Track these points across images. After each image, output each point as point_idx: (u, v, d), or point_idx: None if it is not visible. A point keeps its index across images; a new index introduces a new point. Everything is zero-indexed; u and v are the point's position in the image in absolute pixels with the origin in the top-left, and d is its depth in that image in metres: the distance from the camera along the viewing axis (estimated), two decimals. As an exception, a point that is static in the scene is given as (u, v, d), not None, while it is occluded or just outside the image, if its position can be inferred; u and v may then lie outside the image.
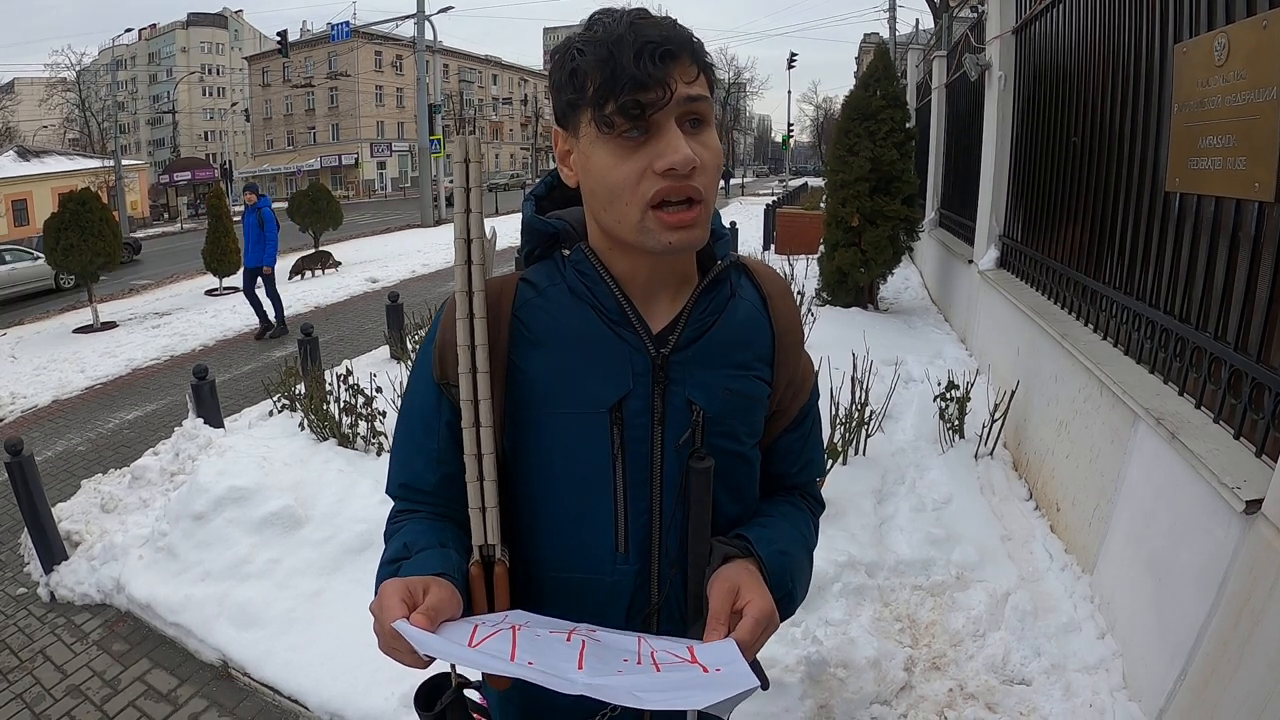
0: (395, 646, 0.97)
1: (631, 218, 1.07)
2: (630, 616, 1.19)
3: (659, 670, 0.93)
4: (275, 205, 11.57)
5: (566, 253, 1.20)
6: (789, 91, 59.98)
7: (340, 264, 16.87)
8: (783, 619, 1.15)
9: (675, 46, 1.03)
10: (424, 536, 1.15)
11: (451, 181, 1.17)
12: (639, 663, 0.95)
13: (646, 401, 1.16)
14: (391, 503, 1.30)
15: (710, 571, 1.14)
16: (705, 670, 0.94)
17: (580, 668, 0.90)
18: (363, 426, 5.44)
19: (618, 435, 1.15)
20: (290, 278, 16.01)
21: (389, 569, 1.11)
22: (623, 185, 1.05)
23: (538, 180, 1.33)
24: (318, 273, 16.63)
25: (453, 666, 1.08)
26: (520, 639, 0.95)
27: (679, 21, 1.08)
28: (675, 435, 1.17)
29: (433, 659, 0.96)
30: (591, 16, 1.08)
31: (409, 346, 8.13)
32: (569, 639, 0.99)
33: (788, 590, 1.20)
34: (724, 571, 1.12)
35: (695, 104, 1.06)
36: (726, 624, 1.05)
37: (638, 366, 1.16)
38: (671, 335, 1.18)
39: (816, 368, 1.38)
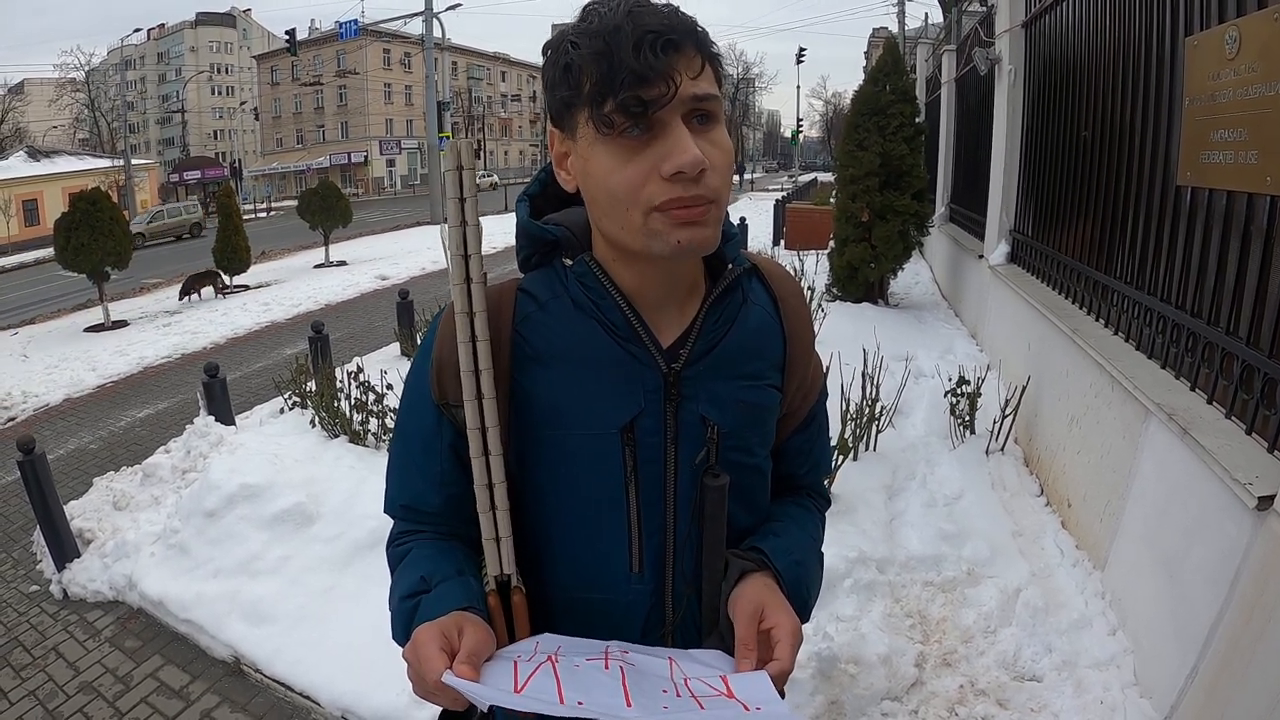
0: (433, 694, 0.93)
1: (635, 222, 0.99)
2: (645, 634, 1.15)
3: (703, 709, 0.92)
4: (286, 203, 11.46)
5: (569, 263, 1.13)
6: (798, 86, 60.08)
7: (227, 287, 15.83)
8: None
9: (678, 36, 0.94)
10: (439, 565, 1.11)
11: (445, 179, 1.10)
12: (678, 695, 0.94)
13: (659, 420, 1.11)
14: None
15: (727, 587, 1.11)
16: (746, 709, 0.93)
17: (629, 705, 0.89)
18: (373, 423, 5.46)
19: (630, 456, 1.10)
20: (180, 298, 15.26)
21: (408, 604, 1.07)
22: (625, 190, 0.98)
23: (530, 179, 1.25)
24: (205, 294, 15.42)
25: None
26: (562, 673, 0.93)
27: (680, 9, 0.98)
28: (689, 453, 1.12)
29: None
30: (586, 7, 0.99)
31: (419, 343, 8.12)
32: (606, 665, 0.98)
33: (803, 599, 1.17)
34: (745, 591, 1.09)
35: (702, 102, 0.97)
36: (755, 648, 1.03)
37: (649, 384, 1.10)
38: (683, 349, 1.11)
39: (827, 363, 1.36)
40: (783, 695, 1.03)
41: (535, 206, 1.21)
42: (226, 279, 16.04)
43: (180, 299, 15.00)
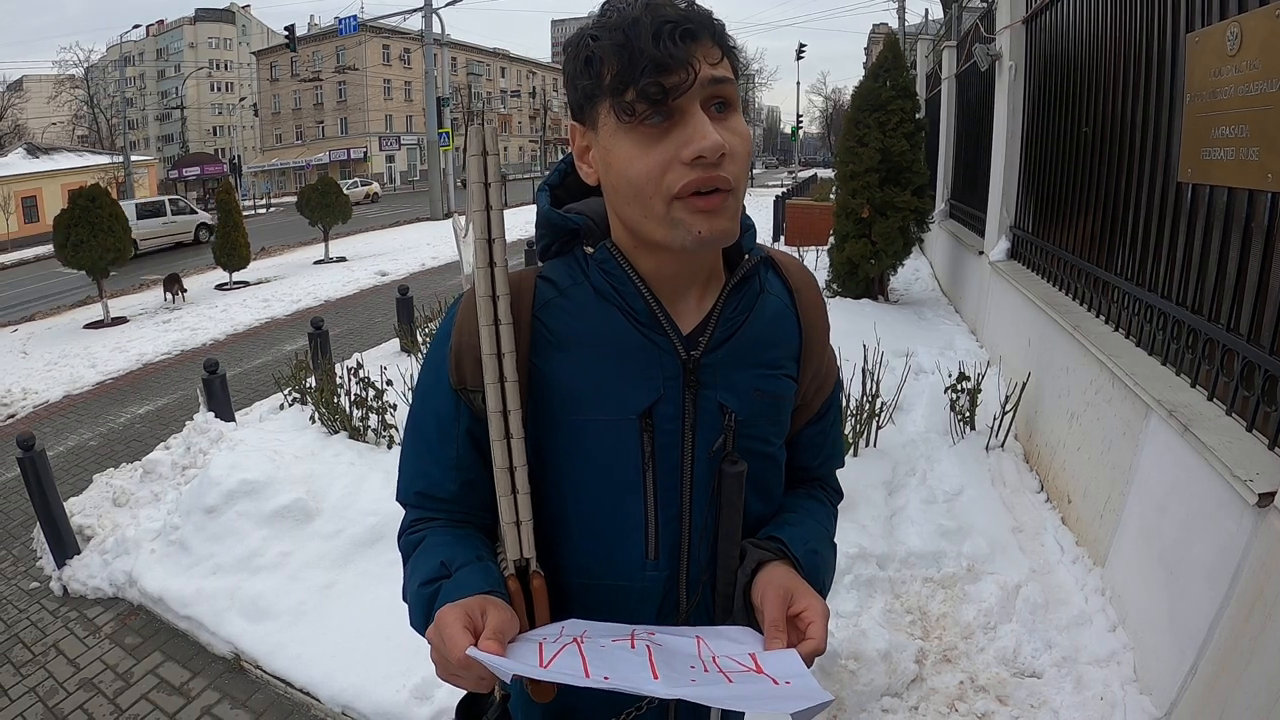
0: (459, 675, 0.94)
1: (658, 211, 1.01)
2: (659, 621, 1.16)
3: (730, 682, 0.92)
4: (285, 199, 11.42)
5: (590, 250, 1.14)
6: (798, 82, 60.06)
7: (187, 291, 15.29)
8: None
9: (695, 25, 0.98)
10: (458, 551, 1.10)
11: (464, 174, 1.11)
12: (706, 670, 0.94)
13: (678, 406, 1.12)
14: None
15: (743, 575, 1.12)
16: (775, 683, 0.93)
17: (655, 677, 0.89)
18: (373, 419, 5.46)
19: (649, 442, 1.11)
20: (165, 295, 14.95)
21: (427, 590, 1.06)
22: (647, 177, 1.00)
23: (549, 170, 1.27)
24: (170, 299, 15.01)
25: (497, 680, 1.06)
26: (588, 652, 0.94)
27: (696, 1, 1.02)
28: (707, 440, 1.13)
29: (495, 681, 0.95)
30: (604, 4, 1.03)
31: (419, 339, 8.14)
32: (632, 645, 0.98)
33: (818, 588, 1.16)
34: (772, 577, 1.09)
35: (721, 86, 1.00)
36: (786, 630, 1.03)
37: (668, 370, 1.11)
38: (702, 337, 1.13)
39: None
40: None
41: (555, 197, 1.22)
42: (184, 283, 15.56)
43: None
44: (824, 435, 1.35)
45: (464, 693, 1.13)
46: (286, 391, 6.41)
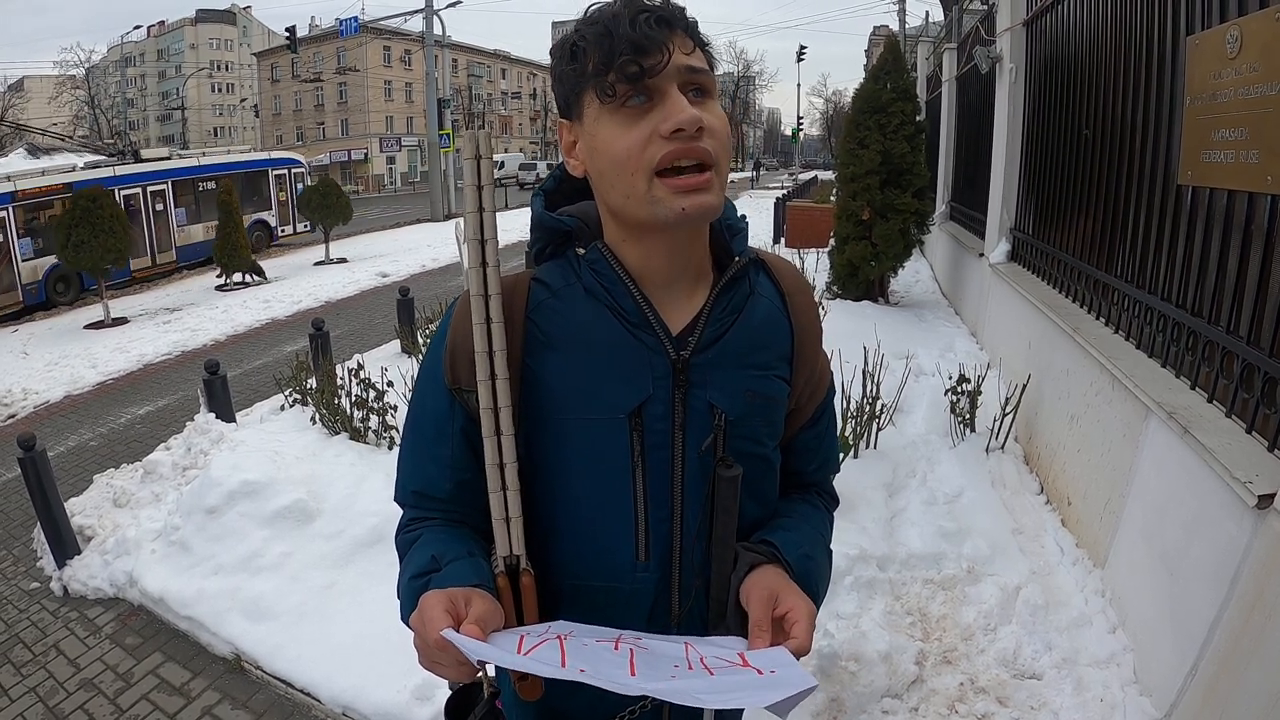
0: (438, 660, 0.94)
1: (639, 188, 1.05)
2: (651, 624, 1.16)
3: (712, 675, 0.93)
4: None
5: (581, 251, 1.16)
6: (798, 84, 60.46)
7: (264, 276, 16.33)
8: None
9: (669, 15, 1.05)
10: (450, 547, 1.11)
11: (461, 178, 1.13)
12: (690, 669, 0.94)
13: (667, 406, 1.13)
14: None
15: (736, 579, 1.12)
16: (760, 673, 0.93)
17: (633, 674, 0.90)
18: (374, 420, 5.46)
19: (637, 441, 1.12)
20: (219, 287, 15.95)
21: (417, 583, 1.07)
22: (628, 153, 1.04)
23: (546, 175, 1.31)
24: (242, 280, 15.99)
25: (484, 675, 1.06)
26: (568, 648, 0.94)
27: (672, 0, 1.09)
28: (696, 440, 1.14)
29: (478, 671, 0.96)
30: (588, 8, 1.09)
31: (420, 340, 8.14)
32: (616, 648, 0.98)
33: (812, 593, 1.17)
34: (760, 578, 1.10)
35: (696, 75, 1.05)
36: (770, 631, 1.04)
37: (658, 370, 1.12)
38: (691, 336, 1.14)
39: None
40: None
41: (550, 202, 1.25)
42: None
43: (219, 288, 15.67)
44: (819, 440, 1.35)
45: (453, 692, 1.14)
46: (287, 392, 6.41)
